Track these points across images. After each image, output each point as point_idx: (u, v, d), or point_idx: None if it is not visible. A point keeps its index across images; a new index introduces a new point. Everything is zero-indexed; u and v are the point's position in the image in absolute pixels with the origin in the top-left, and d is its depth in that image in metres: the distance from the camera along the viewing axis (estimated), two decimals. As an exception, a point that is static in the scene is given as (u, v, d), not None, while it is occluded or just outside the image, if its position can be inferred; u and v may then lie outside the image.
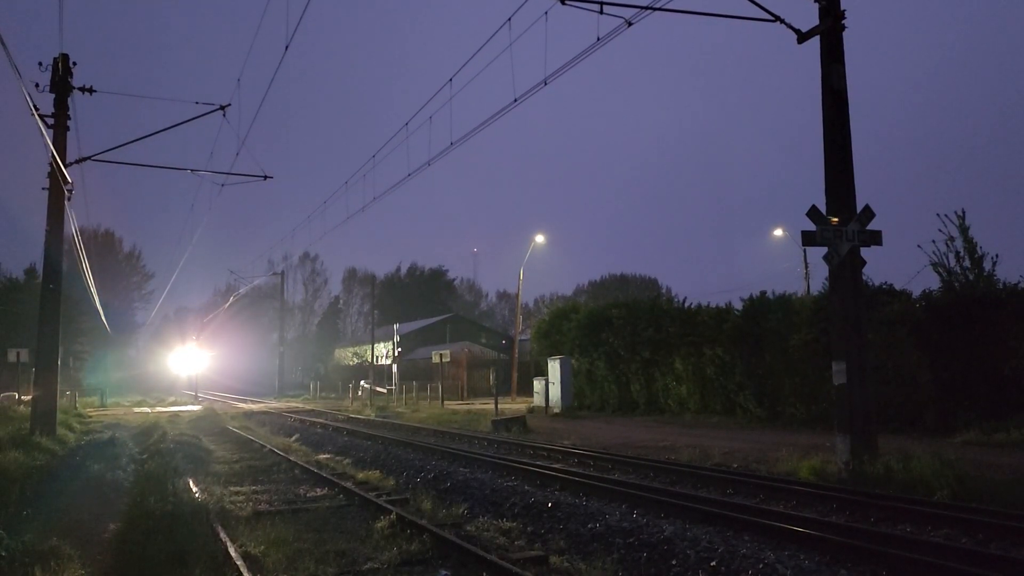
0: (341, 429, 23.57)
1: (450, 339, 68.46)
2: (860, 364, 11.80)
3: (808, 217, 12.16)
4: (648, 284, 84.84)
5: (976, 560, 6.51)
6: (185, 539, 7.49)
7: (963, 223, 19.30)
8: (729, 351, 23.71)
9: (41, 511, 8.40)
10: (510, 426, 22.10)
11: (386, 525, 8.44)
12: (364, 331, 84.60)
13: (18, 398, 29.99)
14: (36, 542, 6.87)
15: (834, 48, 12.32)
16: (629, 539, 7.87)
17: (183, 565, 6.49)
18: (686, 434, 19.37)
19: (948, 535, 7.77)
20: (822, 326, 19.66)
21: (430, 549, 7.49)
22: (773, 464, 12.68)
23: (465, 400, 43.60)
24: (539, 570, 6.78)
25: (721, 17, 13.29)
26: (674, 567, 6.95)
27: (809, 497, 9.81)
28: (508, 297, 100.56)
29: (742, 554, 6.95)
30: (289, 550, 7.43)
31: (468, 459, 14.85)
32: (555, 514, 9.37)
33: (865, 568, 6.57)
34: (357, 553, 7.52)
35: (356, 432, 22.20)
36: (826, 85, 12.30)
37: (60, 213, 18.58)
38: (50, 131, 18.47)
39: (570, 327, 31.74)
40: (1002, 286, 17.92)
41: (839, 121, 12.20)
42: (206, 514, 8.91)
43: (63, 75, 18.88)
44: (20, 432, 17.55)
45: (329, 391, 55.96)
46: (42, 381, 18.38)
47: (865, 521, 8.58)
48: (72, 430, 20.54)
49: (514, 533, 8.47)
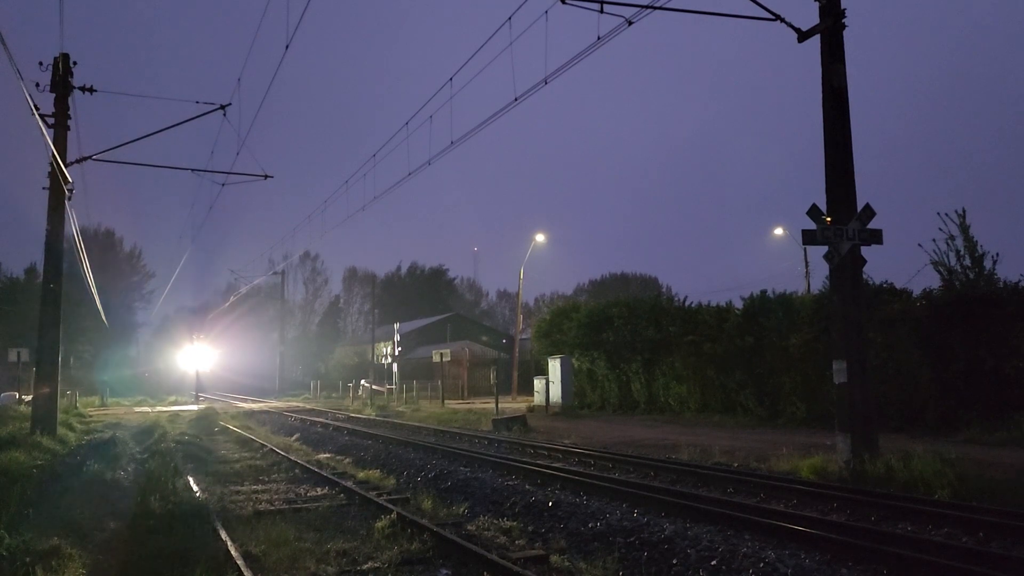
0: (341, 428, 23.57)
1: (451, 338, 68.45)
2: (861, 363, 11.80)
3: (809, 216, 12.17)
4: (649, 283, 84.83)
5: (977, 559, 6.51)
6: (186, 539, 7.51)
7: (963, 222, 19.28)
8: (729, 350, 23.70)
9: (42, 511, 8.39)
10: (511, 425, 22.10)
11: (387, 524, 8.44)
12: (364, 330, 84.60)
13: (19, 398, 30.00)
14: (37, 541, 6.87)
15: (835, 47, 12.31)
16: (630, 538, 7.87)
17: (184, 564, 6.49)
18: (687, 433, 19.37)
19: (949, 534, 7.77)
20: (823, 325, 19.66)
21: (431, 548, 7.49)
22: (774, 463, 12.68)
23: (466, 399, 43.61)
24: (540, 569, 6.78)
25: (721, 16, 13.29)
26: (675, 566, 6.95)
27: (810, 496, 9.81)
28: (508, 296, 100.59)
29: (743, 553, 6.95)
30: (290, 549, 7.43)
31: (469, 458, 14.85)
32: (556, 513, 9.37)
33: (866, 567, 6.57)
34: (358, 552, 7.52)
35: (356, 431, 22.20)
36: (826, 84, 12.29)
37: (60, 212, 18.58)
38: (50, 131, 18.46)
39: (571, 326, 31.74)
40: (1003, 285, 17.90)
41: (839, 120, 12.19)
42: (207, 514, 8.92)
43: (63, 75, 18.87)
44: (21, 432, 17.57)
45: (330, 390, 55.95)
46: (42, 381, 18.39)
47: (866, 520, 8.57)
48: (73, 430, 20.55)
49: (515, 532, 8.47)
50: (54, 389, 18.49)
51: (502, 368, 38.50)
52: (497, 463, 13.79)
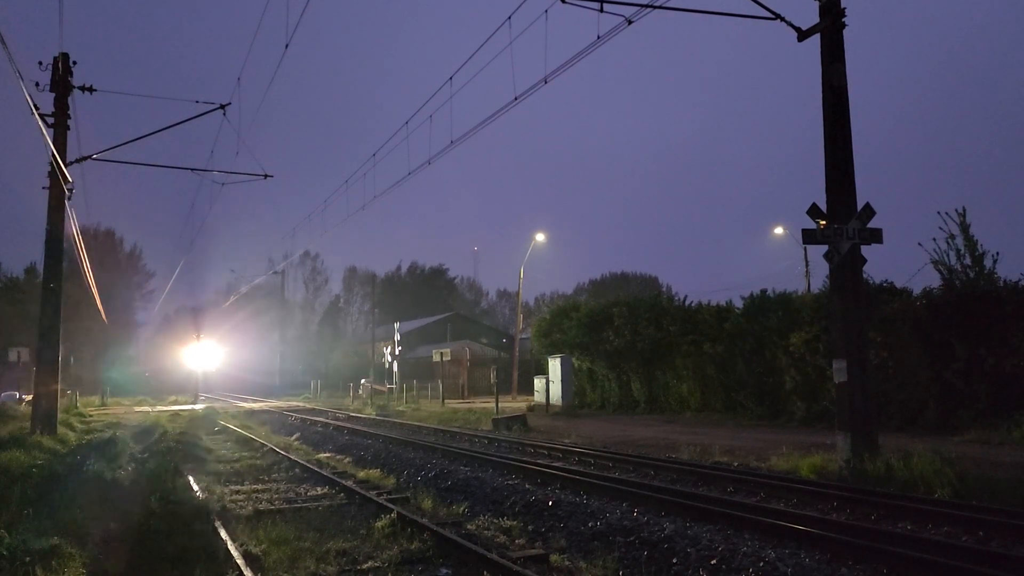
0: (342, 428, 23.58)
1: (451, 338, 68.47)
2: (861, 362, 11.79)
3: (809, 215, 12.16)
4: (649, 282, 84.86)
5: (977, 558, 6.51)
6: (186, 538, 7.50)
7: (964, 221, 19.26)
8: (730, 349, 23.70)
9: (42, 510, 8.39)
10: (511, 424, 22.11)
11: (387, 524, 8.44)
12: (365, 330, 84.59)
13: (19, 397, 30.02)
14: (37, 541, 6.87)
15: (834, 46, 12.30)
16: (630, 537, 7.87)
17: (184, 564, 6.50)
18: (687, 432, 19.37)
19: (949, 533, 7.77)
20: (823, 324, 19.65)
21: (431, 548, 7.49)
22: (774, 462, 12.67)
23: (466, 399, 43.60)
24: (540, 568, 6.78)
25: (721, 15, 13.28)
26: (675, 565, 6.95)
27: (810, 495, 9.80)
28: (509, 296, 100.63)
29: (743, 552, 6.95)
30: (290, 549, 7.43)
31: (469, 457, 14.85)
32: (556, 512, 9.37)
33: (866, 566, 6.56)
34: (358, 552, 7.51)
35: (356, 431, 22.21)
36: (826, 83, 12.28)
37: (60, 212, 18.59)
38: (50, 130, 18.47)
39: (571, 326, 31.74)
40: (1003, 284, 17.89)
41: (839, 119, 12.18)
42: (207, 513, 8.92)
43: (63, 74, 18.88)
44: (21, 431, 17.58)
45: (330, 390, 55.95)
46: (43, 380, 18.40)
47: (866, 519, 8.57)
48: (73, 429, 20.56)
49: (515, 532, 8.46)
50: (54, 389, 18.51)
51: (502, 368, 38.52)
52: (497, 462, 13.79)
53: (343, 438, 20.67)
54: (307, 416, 29.72)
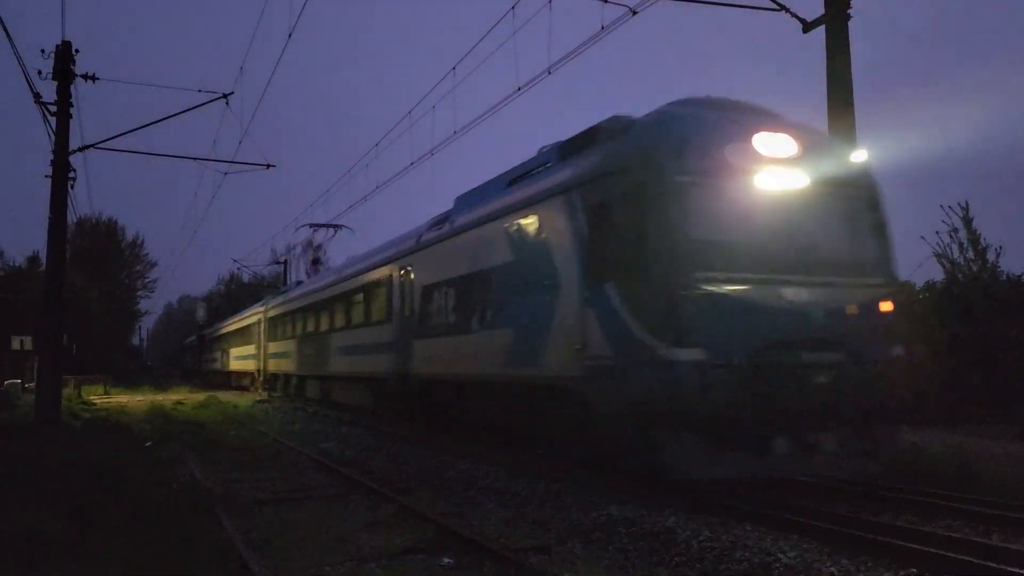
0: (344, 417, 23.60)
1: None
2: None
3: (812, 208, 12.10)
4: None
5: (978, 550, 6.52)
6: (189, 525, 7.54)
7: (967, 214, 19.23)
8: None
9: (44, 498, 8.44)
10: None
11: (390, 513, 8.48)
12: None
13: (23, 385, 30.12)
14: (39, 527, 6.91)
15: (840, 38, 12.25)
16: (631, 528, 7.90)
17: (187, 551, 6.53)
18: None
19: (950, 525, 7.77)
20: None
21: (434, 537, 7.52)
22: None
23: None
24: (541, 559, 6.81)
25: (726, 6, 13.23)
26: (676, 557, 6.97)
27: (810, 487, 9.80)
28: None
29: (743, 544, 6.97)
30: (293, 537, 7.46)
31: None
32: (559, 503, 9.39)
33: (866, 558, 6.57)
34: (361, 540, 7.55)
35: (360, 421, 22.23)
36: (831, 75, 12.25)
37: (62, 201, 18.57)
38: (52, 119, 18.45)
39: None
40: (1006, 278, 17.86)
41: (845, 112, 12.14)
42: (210, 499, 8.96)
43: (66, 62, 18.81)
44: (25, 418, 17.66)
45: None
46: (46, 368, 18.44)
47: (867, 511, 8.58)
48: (76, 417, 20.63)
49: (518, 522, 8.49)
50: (57, 377, 18.54)
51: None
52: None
53: (346, 427, 20.71)
54: (311, 406, 29.72)
